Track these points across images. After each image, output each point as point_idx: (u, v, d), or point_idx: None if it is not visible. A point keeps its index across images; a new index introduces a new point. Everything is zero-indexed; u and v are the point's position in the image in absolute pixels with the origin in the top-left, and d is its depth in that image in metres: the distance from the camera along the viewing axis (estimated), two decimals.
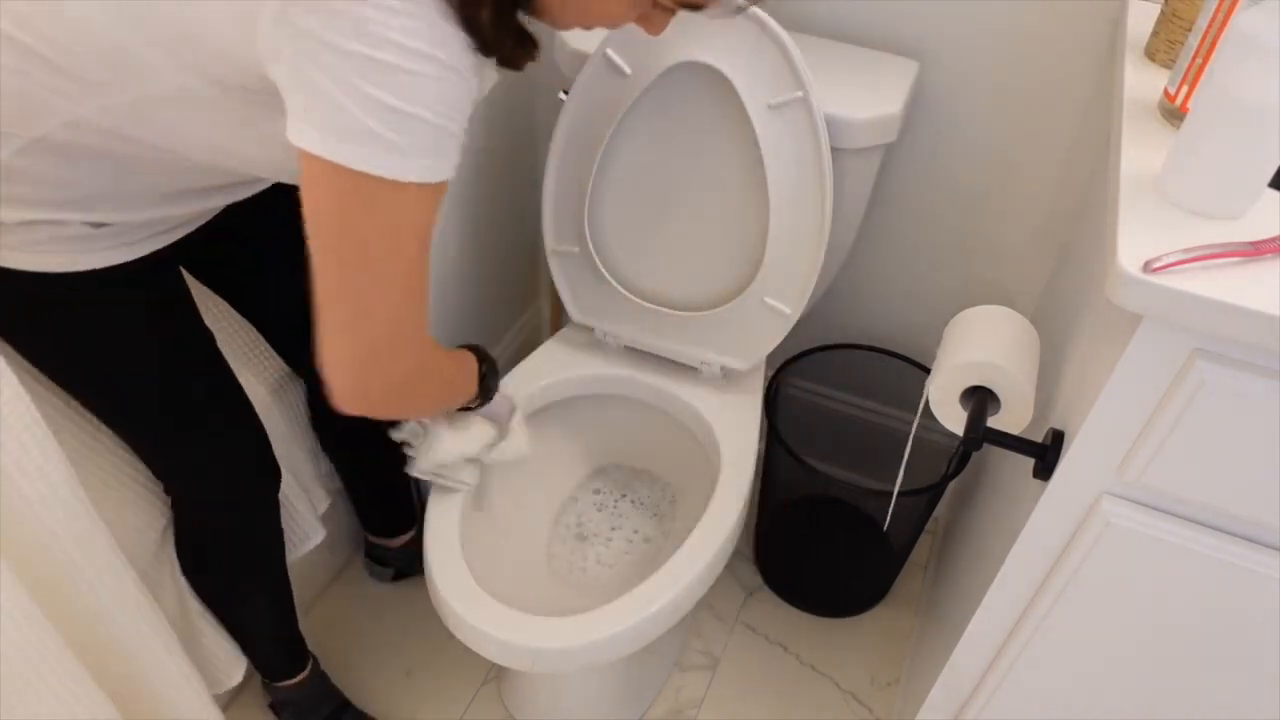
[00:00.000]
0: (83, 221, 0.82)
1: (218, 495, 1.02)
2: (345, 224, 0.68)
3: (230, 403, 1.02)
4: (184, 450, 0.98)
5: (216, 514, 1.04)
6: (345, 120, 0.63)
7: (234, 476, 1.03)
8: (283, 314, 1.12)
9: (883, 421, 1.54)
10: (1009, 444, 0.78)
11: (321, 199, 0.67)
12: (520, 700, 1.32)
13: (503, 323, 1.65)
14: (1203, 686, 0.79)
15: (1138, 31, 0.94)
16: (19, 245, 0.81)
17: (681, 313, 1.22)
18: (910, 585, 1.55)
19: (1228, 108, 0.62)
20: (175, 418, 0.96)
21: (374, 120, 0.63)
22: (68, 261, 0.83)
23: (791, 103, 1.03)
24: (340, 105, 0.62)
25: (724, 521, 1.08)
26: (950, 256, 1.39)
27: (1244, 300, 0.58)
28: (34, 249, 0.81)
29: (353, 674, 1.35)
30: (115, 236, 0.85)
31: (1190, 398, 0.63)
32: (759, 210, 1.12)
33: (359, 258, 0.69)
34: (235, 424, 1.02)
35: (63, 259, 0.83)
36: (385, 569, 1.47)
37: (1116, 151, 0.75)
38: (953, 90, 1.23)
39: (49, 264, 0.82)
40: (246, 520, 1.07)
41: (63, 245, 0.82)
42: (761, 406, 1.26)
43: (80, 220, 0.82)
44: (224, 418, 1.01)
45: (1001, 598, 0.83)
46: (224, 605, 1.13)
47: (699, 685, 1.40)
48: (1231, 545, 0.70)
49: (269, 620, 1.18)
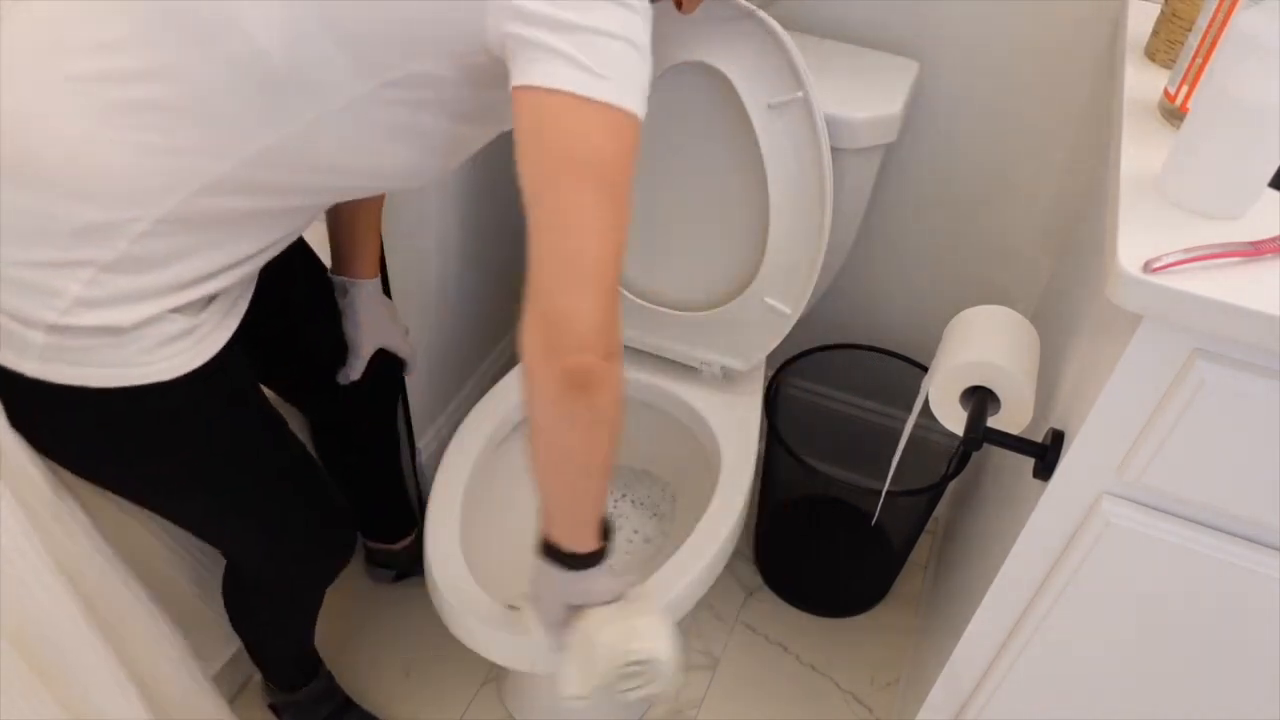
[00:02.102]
0: (195, 299, 0.75)
1: (301, 570, 1.01)
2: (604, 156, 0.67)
3: (316, 484, 0.98)
4: (276, 539, 0.95)
5: (289, 582, 1.03)
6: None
7: (321, 554, 1.01)
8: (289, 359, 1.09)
9: (883, 421, 1.54)
10: (1009, 444, 0.78)
11: (588, 136, 0.65)
12: (520, 700, 1.31)
13: (503, 323, 1.65)
14: (1203, 686, 0.79)
15: (1138, 31, 0.94)
16: (131, 358, 0.73)
17: (681, 313, 1.22)
18: (910, 585, 1.55)
19: (1228, 108, 0.62)
20: (273, 514, 0.92)
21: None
22: (183, 364, 0.75)
23: (791, 103, 1.03)
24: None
25: (724, 521, 1.08)
26: (950, 256, 1.39)
27: (1244, 300, 0.58)
28: (146, 358, 0.73)
29: (353, 674, 1.35)
30: (215, 315, 0.78)
31: (1190, 398, 0.63)
32: (759, 210, 1.12)
33: (613, 186, 0.68)
34: (323, 506, 0.99)
35: (177, 362, 0.75)
36: (386, 570, 1.47)
37: (1116, 151, 0.75)
38: (953, 90, 1.23)
39: (164, 371, 0.74)
40: (315, 577, 1.06)
41: (174, 346, 0.75)
42: (761, 406, 1.26)
43: (193, 299, 0.75)
44: (313, 504, 0.97)
45: (1001, 598, 0.83)
46: (260, 639, 1.14)
47: (699, 685, 1.40)
48: (1231, 545, 0.70)
49: (293, 646, 1.19)
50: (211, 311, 0.78)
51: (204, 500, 0.88)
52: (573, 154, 0.65)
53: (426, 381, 1.42)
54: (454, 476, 1.11)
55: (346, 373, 1.09)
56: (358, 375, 1.09)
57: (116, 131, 0.66)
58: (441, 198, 1.35)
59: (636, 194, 1.17)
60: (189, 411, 0.79)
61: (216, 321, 0.79)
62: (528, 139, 0.66)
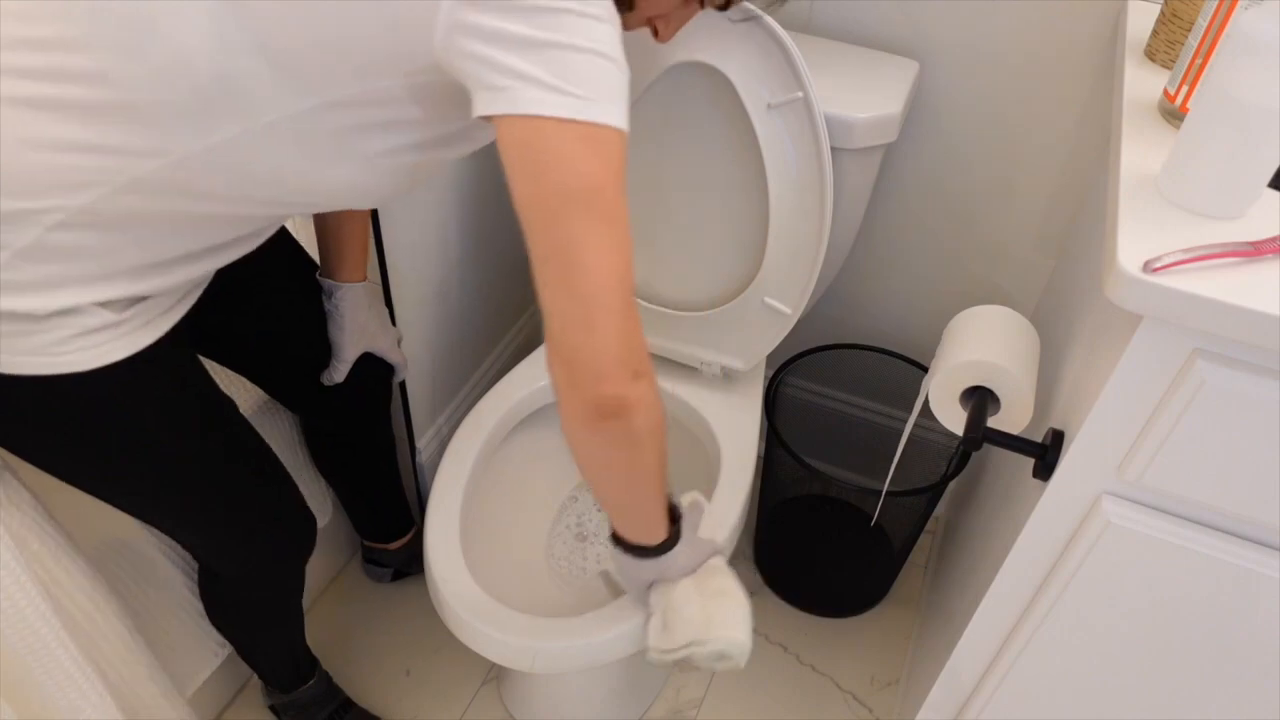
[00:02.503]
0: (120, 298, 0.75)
1: (262, 559, 1.01)
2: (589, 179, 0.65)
3: (266, 468, 0.97)
4: (228, 529, 0.95)
5: (254, 575, 1.03)
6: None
7: (278, 539, 1.01)
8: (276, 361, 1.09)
9: (883, 421, 1.54)
10: (1009, 444, 0.78)
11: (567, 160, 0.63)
12: (520, 700, 1.31)
13: (503, 323, 1.64)
14: (1203, 686, 0.79)
15: (1138, 31, 0.94)
16: (44, 347, 0.73)
17: (681, 313, 1.22)
18: (910, 585, 1.55)
19: (1228, 108, 0.62)
20: (218, 502, 0.91)
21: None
22: (99, 355, 0.75)
23: (791, 103, 1.03)
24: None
25: (724, 522, 1.08)
26: (950, 256, 1.39)
27: (1244, 300, 0.58)
28: (60, 349, 0.74)
29: (353, 674, 1.35)
30: (144, 313, 0.78)
31: (1190, 398, 0.63)
32: (759, 210, 1.12)
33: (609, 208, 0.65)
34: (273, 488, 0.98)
35: (93, 354, 0.75)
36: (383, 569, 1.47)
37: (1116, 152, 0.75)
38: (953, 90, 1.23)
39: (78, 362, 0.74)
40: (284, 574, 1.06)
41: (91, 339, 0.75)
42: (761, 406, 1.26)
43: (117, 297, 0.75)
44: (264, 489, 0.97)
45: (1001, 597, 0.83)
46: (247, 642, 1.14)
47: (699, 685, 1.40)
48: (1231, 545, 0.70)
49: (285, 647, 1.19)
50: (142, 310, 0.78)
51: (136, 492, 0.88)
52: (564, 187, 0.63)
53: (426, 381, 1.42)
54: (454, 476, 1.11)
55: (330, 375, 1.09)
56: (341, 378, 1.09)
57: (37, 124, 0.65)
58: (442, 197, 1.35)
59: (636, 194, 1.18)
60: (110, 404, 0.79)
61: (145, 320, 0.78)
62: (515, 172, 0.64)
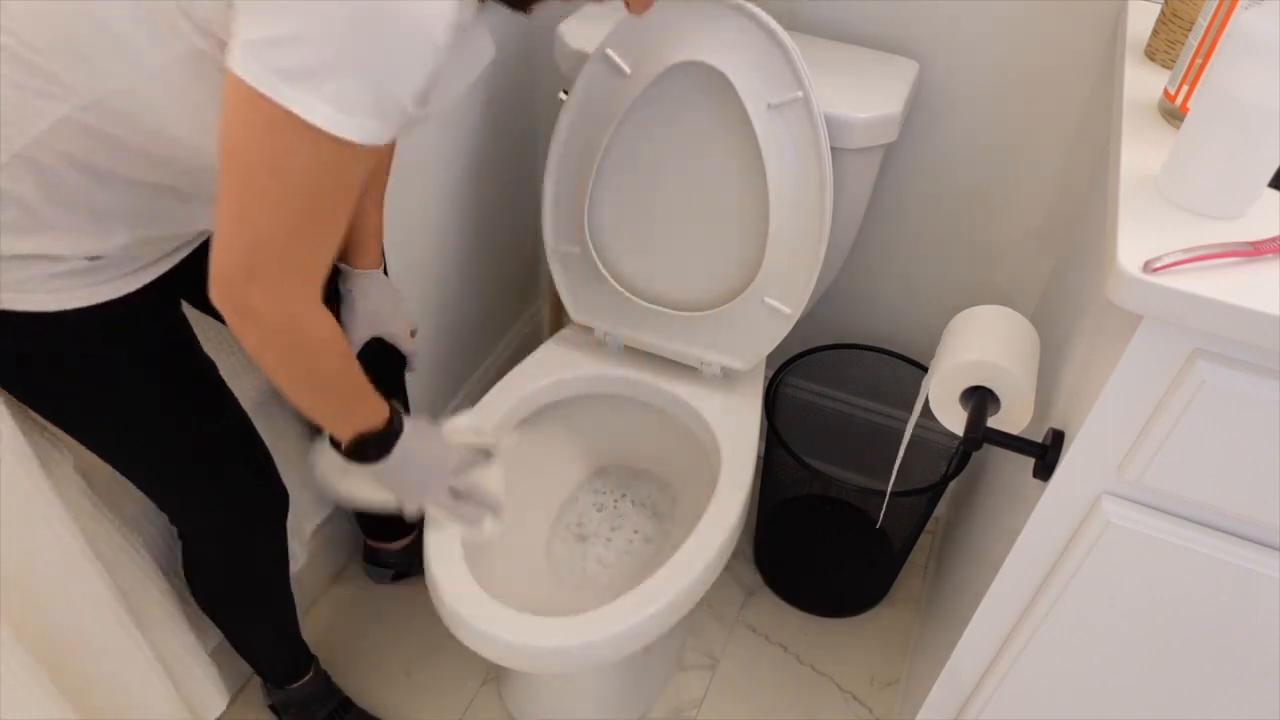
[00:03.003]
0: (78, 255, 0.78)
1: (231, 526, 1.01)
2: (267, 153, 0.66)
3: (237, 433, 0.99)
4: (194, 486, 0.96)
5: (228, 543, 1.03)
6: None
7: (246, 506, 1.01)
8: None
9: (883, 421, 1.54)
10: (1009, 444, 0.78)
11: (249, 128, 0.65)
12: (520, 700, 1.32)
13: (503, 323, 1.65)
14: (1202, 686, 0.79)
15: (1138, 31, 0.94)
16: (13, 285, 0.77)
17: (681, 313, 1.22)
18: (910, 585, 1.55)
19: (1228, 108, 0.62)
20: (183, 457, 0.93)
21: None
22: (64, 299, 0.79)
23: (791, 103, 1.03)
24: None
25: (724, 521, 1.08)
26: (950, 256, 1.39)
27: (1244, 300, 0.58)
28: (29, 287, 0.77)
29: (353, 674, 1.35)
30: (114, 268, 0.82)
31: (1190, 398, 0.63)
32: (759, 210, 1.12)
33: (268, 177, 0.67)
34: (243, 455, 0.99)
35: (60, 296, 0.79)
36: (384, 570, 1.47)
37: (1116, 151, 0.75)
38: (953, 90, 1.23)
39: (45, 303, 0.78)
40: (258, 546, 1.06)
41: (59, 281, 0.78)
42: (761, 406, 1.26)
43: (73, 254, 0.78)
44: (232, 450, 0.98)
45: (1001, 598, 0.83)
46: (234, 625, 1.14)
47: (699, 685, 1.40)
48: (1231, 545, 0.70)
49: (275, 634, 1.18)
50: (103, 266, 0.80)
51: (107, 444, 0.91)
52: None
53: (427, 381, 1.42)
54: None
55: None
56: None
57: None
58: (441, 195, 1.35)
59: (636, 194, 1.18)
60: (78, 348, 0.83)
61: (109, 277, 0.81)
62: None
